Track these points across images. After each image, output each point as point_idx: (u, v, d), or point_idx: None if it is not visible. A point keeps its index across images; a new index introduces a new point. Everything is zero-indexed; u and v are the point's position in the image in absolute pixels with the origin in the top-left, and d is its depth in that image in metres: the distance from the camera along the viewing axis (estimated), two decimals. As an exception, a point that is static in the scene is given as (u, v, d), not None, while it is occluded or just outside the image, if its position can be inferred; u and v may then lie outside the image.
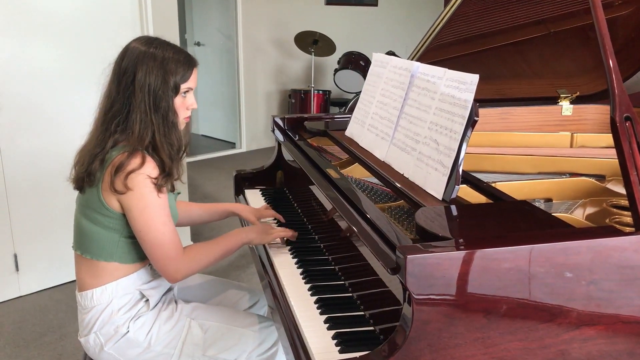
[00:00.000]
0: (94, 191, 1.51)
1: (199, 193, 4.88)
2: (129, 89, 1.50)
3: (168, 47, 1.55)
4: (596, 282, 1.13)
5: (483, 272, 1.06)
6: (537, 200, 1.67)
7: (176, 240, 1.52)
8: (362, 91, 1.99)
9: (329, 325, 1.31)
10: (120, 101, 1.51)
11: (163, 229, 1.49)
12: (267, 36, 6.39)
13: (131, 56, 1.51)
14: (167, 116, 1.52)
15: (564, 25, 2.21)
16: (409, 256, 1.02)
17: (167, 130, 1.53)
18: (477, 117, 1.36)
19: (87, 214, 1.54)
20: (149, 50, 1.51)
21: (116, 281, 1.56)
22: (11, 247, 2.97)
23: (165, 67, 1.50)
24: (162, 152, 1.52)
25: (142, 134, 1.49)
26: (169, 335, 1.59)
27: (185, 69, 1.55)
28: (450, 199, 1.36)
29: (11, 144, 2.85)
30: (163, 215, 1.50)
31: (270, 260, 1.69)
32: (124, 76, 1.50)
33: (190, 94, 1.60)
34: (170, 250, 1.50)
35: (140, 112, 1.49)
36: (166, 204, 1.52)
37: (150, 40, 1.55)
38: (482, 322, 1.08)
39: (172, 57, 1.53)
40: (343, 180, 1.59)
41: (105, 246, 1.54)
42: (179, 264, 1.52)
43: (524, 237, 1.12)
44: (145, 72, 1.48)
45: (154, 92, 1.49)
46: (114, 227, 1.53)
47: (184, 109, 1.60)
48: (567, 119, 2.39)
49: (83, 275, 1.59)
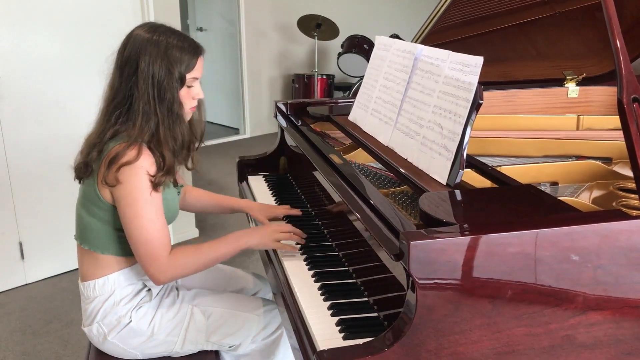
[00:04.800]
0: (91, 182, 1.49)
1: (203, 179, 4.87)
2: (132, 79, 1.45)
3: (172, 34, 1.49)
4: (603, 267, 1.11)
5: (488, 258, 1.05)
6: (543, 184, 1.65)
7: (163, 239, 1.45)
8: (365, 75, 1.97)
9: (332, 311, 1.30)
10: (123, 92, 1.46)
11: (149, 226, 1.43)
12: (270, 21, 6.35)
13: (134, 44, 1.46)
14: (172, 108, 1.47)
15: (570, 5, 2.17)
16: (413, 242, 1.01)
17: (171, 122, 1.48)
18: (482, 100, 1.34)
19: (86, 205, 1.53)
20: (152, 38, 1.46)
21: (118, 272, 1.55)
22: (16, 235, 2.98)
23: (169, 56, 1.45)
24: (165, 147, 1.46)
25: (144, 126, 1.44)
26: (171, 323, 1.58)
27: (190, 57, 1.49)
28: (455, 183, 1.35)
29: (15, 131, 2.85)
30: (151, 212, 1.43)
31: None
32: (127, 66, 1.46)
33: (197, 83, 1.55)
34: (153, 249, 1.43)
35: (144, 103, 1.44)
36: (158, 200, 1.46)
37: (154, 27, 1.50)
38: (487, 307, 1.07)
39: (176, 45, 1.47)
40: (346, 165, 1.58)
41: (101, 238, 1.52)
42: (162, 265, 1.44)
43: (529, 221, 1.10)
44: (149, 62, 1.43)
45: (158, 83, 1.44)
46: (109, 220, 1.50)
47: (190, 99, 1.54)
48: (573, 101, 2.35)
49: (85, 266, 1.58)
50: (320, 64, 6.41)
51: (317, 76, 5.89)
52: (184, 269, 1.49)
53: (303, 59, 6.72)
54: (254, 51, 6.29)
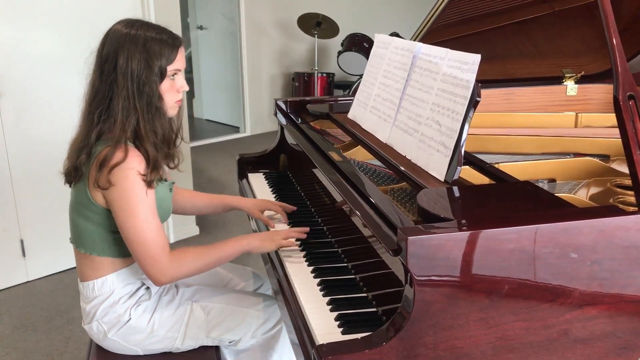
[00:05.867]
0: (82, 186, 1.48)
1: (203, 177, 4.89)
2: (112, 76, 1.44)
3: (150, 27, 1.48)
4: (599, 262, 1.13)
5: (485, 253, 1.06)
6: (540, 181, 1.67)
7: (160, 239, 1.44)
8: (364, 73, 1.98)
9: (331, 307, 1.31)
10: (103, 90, 1.45)
11: (145, 226, 1.42)
12: (270, 19, 6.35)
13: (112, 41, 1.45)
14: (151, 101, 1.45)
15: (569, 3, 2.18)
16: (410, 237, 1.02)
17: (151, 116, 1.46)
18: (479, 98, 1.35)
19: (78, 209, 1.52)
20: (130, 33, 1.44)
21: (116, 272, 1.56)
22: (17, 232, 2.99)
23: (148, 50, 1.43)
24: (146, 142, 1.45)
25: (125, 122, 1.43)
26: (171, 319, 1.59)
27: (170, 49, 1.47)
28: (453, 180, 1.36)
29: (16, 129, 2.86)
30: (146, 212, 1.42)
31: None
32: (106, 63, 1.45)
33: (179, 75, 1.52)
34: (152, 250, 1.42)
35: (123, 99, 1.43)
36: (152, 200, 1.45)
37: (131, 22, 1.48)
38: (485, 302, 1.08)
39: (154, 38, 1.45)
40: (345, 163, 1.59)
41: (96, 241, 1.52)
42: (162, 265, 1.43)
43: (526, 217, 1.11)
44: (127, 58, 1.42)
45: (137, 77, 1.43)
46: (102, 223, 1.50)
47: (174, 92, 1.52)
48: (571, 98, 2.37)
49: (82, 267, 1.58)
50: (321, 62, 6.42)
51: (317, 74, 5.90)
52: (185, 270, 1.48)
53: (303, 57, 6.73)
54: (254, 49, 6.29)
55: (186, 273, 1.50)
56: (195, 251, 1.52)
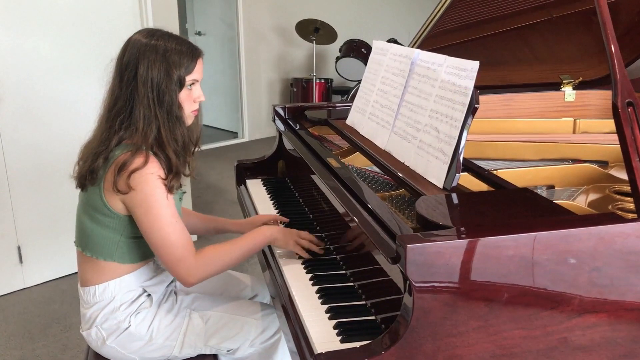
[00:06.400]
0: (96, 190, 1.49)
1: (202, 183, 4.88)
2: (132, 84, 1.46)
3: (170, 38, 1.51)
4: (599, 269, 1.12)
5: (484, 261, 1.06)
6: (539, 187, 1.66)
7: (184, 240, 1.46)
8: (362, 79, 1.98)
9: (330, 315, 1.30)
10: (123, 97, 1.47)
11: (169, 229, 1.44)
12: (269, 24, 6.36)
13: (132, 50, 1.47)
14: (171, 110, 1.48)
15: (566, 9, 2.18)
16: (409, 245, 1.02)
17: (171, 125, 1.48)
18: (478, 105, 1.35)
19: (89, 212, 1.53)
20: (150, 43, 1.47)
21: (119, 278, 1.55)
22: (15, 239, 2.98)
23: (167, 60, 1.46)
24: (167, 149, 1.47)
25: (146, 130, 1.45)
26: (169, 328, 1.59)
27: (189, 60, 1.50)
28: (451, 187, 1.36)
29: (14, 134, 2.85)
30: (168, 215, 1.44)
31: (272, 250, 1.68)
32: (126, 71, 1.47)
33: (197, 86, 1.55)
34: (177, 251, 1.44)
35: (144, 108, 1.45)
36: (172, 203, 1.47)
37: (151, 32, 1.51)
38: (484, 310, 1.08)
39: (174, 49, 1.48)
40: (344, 169, 1.59)
41: (105, 245, 1.53)
42: (190, 266, 1.45)
43: (525, 224, 1.11)
44: (148, 66, 1.44)
45: (157, 86, 1.45)
46: (114, 227, 1.50)
47: (191, 102, 1.54)
48: (570, 104, 2.37)
49: (85, 272, 1.58)
50: (319, 68, 6.43)
51: (316, 80, 5.91)
52: (212, 268, 1.50)
53: (301, 63, 6.74)
54: (253, 55, 6.30)
55: (215, 271, 1.51)
56: (220, 248, 1.53)
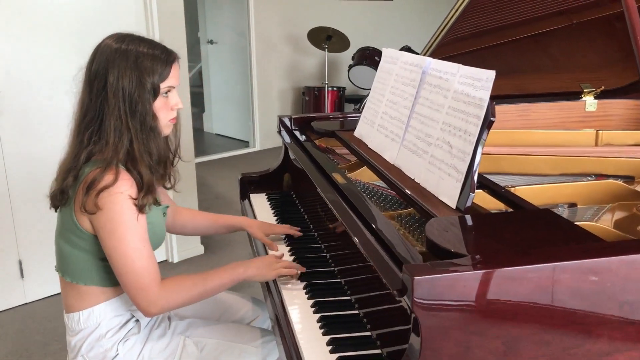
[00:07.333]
0: (68, 210, 1.39)
1: (210, 193, 4.80)
2: (102, 94, 1.35)
3: (142, 42, 1.39)
4: (630, 303, 1.00)
5: (502, 294, 0.94)
6: (560, 206, 1.54)
7: (150, 268, 1.34)
8: (371, 89, 1.88)
9: (331, 347, 1.20)
10: (93, 109, 1.36)
11: (133, 255, 1.32)
12: (280, 33, 6.29)
13: (102, 57, 1.37)
14: (145, 121, 1.36)
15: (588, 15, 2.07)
16: (417, 278, 0.91)
17: (145, 137, 1.37)
18: (494, 118, 1.23)
19: (65, 235, 1.43)
20: (120, 48, 1.36)
21: (104, 303, 1.45)
22: (16, 253, 2.90)
23: (139, 67, 1.35)
24: (141, 165, 1.36)
25: (117, 143, 1.34)
26: (161, 356, 1.48)
27: (163, 65, 1.38)
28: (465, 207, 1.24)
29: (14, 148, 2.78)
30: (135, 239, 1.32)
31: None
32: (95, 81, 1.36)
33: (174, 92, 1.43)
34: (141, 279, 1.32)
35: (115, 119, 1.34)
36: (143, 226, 1.35)
37: (122, 36, 1.40)
38: (500, 349, 0.96)
39: (146, 53, 1.37)
40: (349, 184, 1.48)
41: (84, 269, 1.42)
42: (152, 296, 1.33)
43: (547, 253, 0.99)
44: (118, 75, 1.33)
45: (129, 96, 1.34)
46: (90, 250, 1.40)
47: (168, 110, 1.43)
48: (591, 115, 2.25)
49: (68, 298, 1.48)
50: (331, 76, 6.33)
51: (328, 88, 5.82)
52: (176, 300, 1.38)
53: (313, 71, 6.65)
54: (264, 63, 6.23)
55: (178, 303, 1.39)
56: (187, 280, 1.41)
